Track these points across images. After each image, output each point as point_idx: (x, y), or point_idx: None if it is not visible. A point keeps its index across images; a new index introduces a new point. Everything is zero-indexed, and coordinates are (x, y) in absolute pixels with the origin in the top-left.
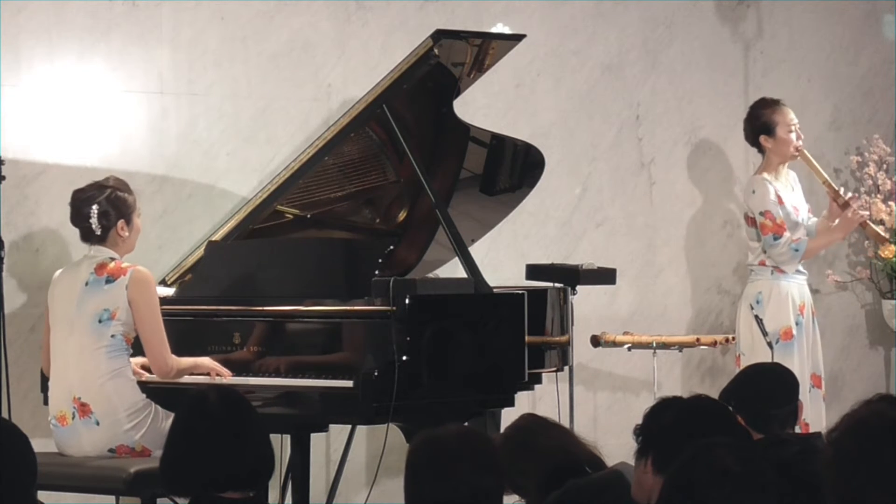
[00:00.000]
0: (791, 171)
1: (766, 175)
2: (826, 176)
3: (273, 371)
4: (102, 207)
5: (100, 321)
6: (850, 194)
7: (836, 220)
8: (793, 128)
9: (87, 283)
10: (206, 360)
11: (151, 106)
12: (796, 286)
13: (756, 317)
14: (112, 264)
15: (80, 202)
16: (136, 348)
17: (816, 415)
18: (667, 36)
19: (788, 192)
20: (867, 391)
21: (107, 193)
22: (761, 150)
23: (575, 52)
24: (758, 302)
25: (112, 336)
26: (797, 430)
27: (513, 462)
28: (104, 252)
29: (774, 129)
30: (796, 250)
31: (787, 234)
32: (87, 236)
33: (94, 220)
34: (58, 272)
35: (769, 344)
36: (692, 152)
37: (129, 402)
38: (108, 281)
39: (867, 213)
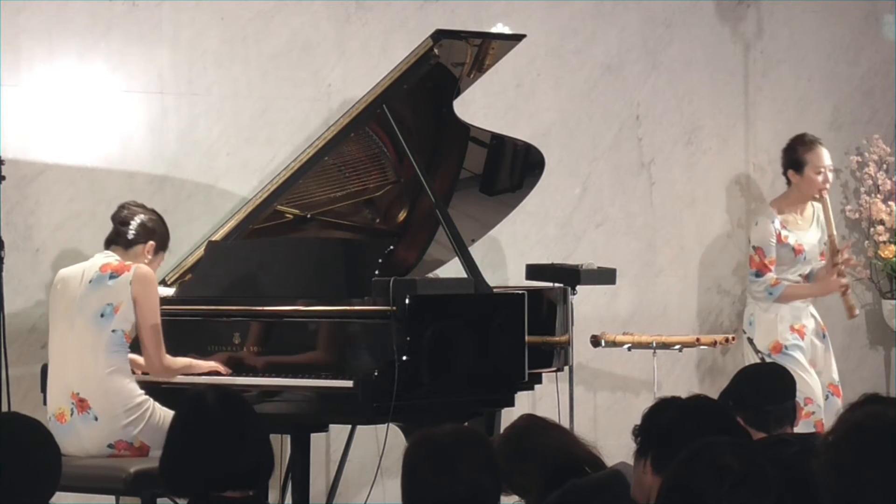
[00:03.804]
0: (817, 205)
1: (776, 212)
2: (834, 231)
3: (273, 371)
4: (147, 223)
5: (101, 315)
6: (846, 256)
7: (820, 279)
8: (822, 170)
9: (90, 281)
10: (200, 361)
11: (151, 106)
12: (789, 309)
13: (749, 339)
14: (117, 263)
15: (131, 207)
16: (133, 347)
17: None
18: (667, 36)
19: (798, 232)
20: (867, 391)
21: (157, 218)
22: (789, 181)
23: (575, 52)
24: (750, 324)
25: (112, 331)
26: (813, 429)
27: (513, 462)
28: (113, 257)
29: (804, 167)
30: (770, 294)
31: (769, 275)
32: (116, 239)
33: (133, 225)
34: (62, 270)
35: (762, 360)
36: (692, 152)
37: (127, 398)
38: (111, 277)
39: (847, 282)
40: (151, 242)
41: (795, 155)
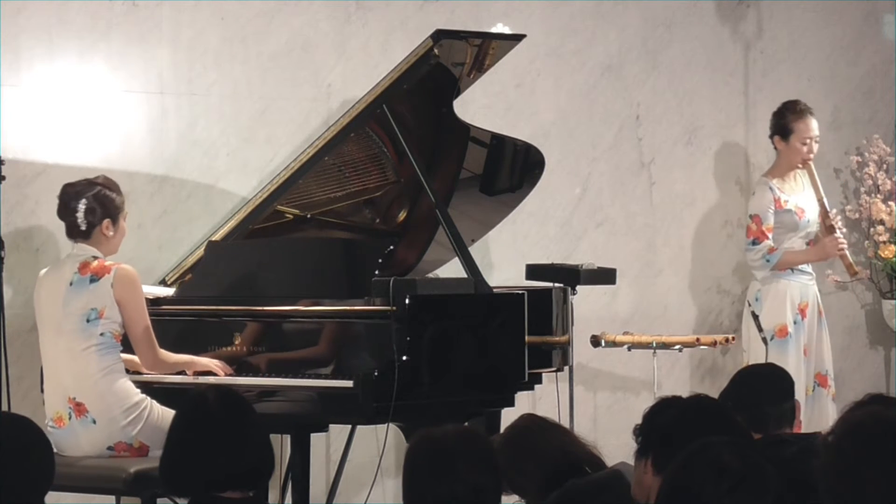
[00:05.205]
0: (801, 172)
1: (771, 179)
2: (822, 195)
3: (273, 371)
4: (90, 204)
5: (87, 321)
6: (838, 219)
7: (818, 242)
8: (808, 140)
9: (71, 283)
10: (201, 358)
11: (151, 106)
12: (798, 286)
13: (753, 313)
14: (95, 263)
15: (69, 196)
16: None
17: (821, 414)
18: (667, 36)
19: (796, 195)
20: (867, 391)
21: (96, 190)
22: (776, 148)
23: (575, 52)
24: (756, 300)
25: (101, 334)
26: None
27: (513, 462)
28: (87, 250)
29: (790, 135)
30: (767, 261)
31: (766, 242)
32: (72, 232)
33: (80, 216)
34: (42, 271)
35: (764, 340)
36: (692, 152)
37: (124, 398)
38: (92, 280)
39: (845, 243)
40: (106, 220)
41: (784, 121)
